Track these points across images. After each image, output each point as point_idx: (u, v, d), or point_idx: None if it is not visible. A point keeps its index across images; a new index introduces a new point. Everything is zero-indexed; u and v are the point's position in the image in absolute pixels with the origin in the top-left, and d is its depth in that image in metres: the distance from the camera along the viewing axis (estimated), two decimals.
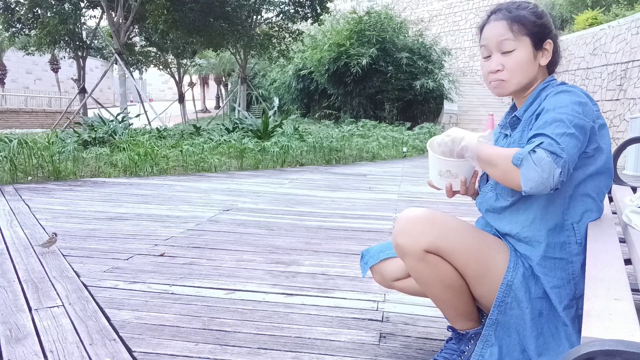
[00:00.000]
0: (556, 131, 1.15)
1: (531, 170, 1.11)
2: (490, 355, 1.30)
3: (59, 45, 18.39)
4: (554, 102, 1.23)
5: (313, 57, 17.39)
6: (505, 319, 1.30)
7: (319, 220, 3.76)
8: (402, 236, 1.35)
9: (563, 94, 1.25)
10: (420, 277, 1.39)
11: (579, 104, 1.22)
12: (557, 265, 1.28)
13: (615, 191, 2.01)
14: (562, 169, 1.11)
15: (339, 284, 2.34)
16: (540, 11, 1.38)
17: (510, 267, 1.31)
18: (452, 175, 1.39)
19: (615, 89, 11.06)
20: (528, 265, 1.31)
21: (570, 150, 1.14)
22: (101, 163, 6.64)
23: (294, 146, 8.38)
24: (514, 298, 1.29)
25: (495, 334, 1.31)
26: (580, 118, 1.20)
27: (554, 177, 1.10)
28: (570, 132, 1.16)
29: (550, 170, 1.10)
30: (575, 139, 1.16)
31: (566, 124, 1.17)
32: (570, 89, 1.27)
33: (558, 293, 1.27)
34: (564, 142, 1.14)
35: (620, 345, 0.68)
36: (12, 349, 1.64)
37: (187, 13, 14.19)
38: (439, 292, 1.39)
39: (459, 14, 25.46)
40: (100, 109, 15.73)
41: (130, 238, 3.13)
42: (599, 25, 13.28)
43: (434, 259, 1.33)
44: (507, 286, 1.30)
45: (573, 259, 1.27)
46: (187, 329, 1.83)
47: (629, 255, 1.22)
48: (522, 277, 1.29)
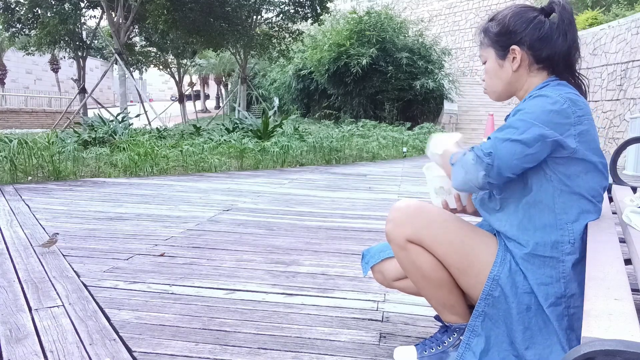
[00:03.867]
0: (502, 136, 1.24)
1: (458, 169, 1.28)
2: (477, 344, 1.33)
3: (59, 45, 18.39)
4: (527, 107, 1.26)
5: (313, 57, 17.39)
6: (493, 312, 1.32)
7: (319, 220, 3.76)
8: (389, 224, 1.46)
9: (538, 98, 1.27)
10: (402, 265, 1.47)
11: (548, 112, 1.23)
12: (546, 263, 1.28)
13: (615, 191, 2.01)
14: (486, 171, 1.22)
15: (339, 284, 2.34)
16: (506, 20, 1.38)
17: (497, 262, 1.33)
18: (445, 192, 1.46)
19: (615, 89, 11.06)
20: (515, 261, 1.32)
21: (504, 156, 1.22)
22: (101, 163, 6.64)
23: (294, 146, 8.37)
24: (500, 292, 1.31)
25: (482, 324, 1.33)
26: (540, 127, 1.22)
27: (477, 178, 1.24)
28: (516, 139, 1.22)
29: (473, 171, 1.24)
30: (519, 147, 1.22)
31: (518, 131, 1.22)
32: (548, 93, 1.26)
33: (545, 290, 1.27)
34: (503, 147, 1.22)
35: (620, 345, 0.68)
36: (12, 349, 1.64)
37: (187, 13, 14.19)
38: (418, 280, 1.46)
39: (459, 14, 25.46)
40: (100, 109, 15.75)
41: (130, 238, 3.13)
42: (599, 25, 13.29)
43: (414, 249, 1.41)
44: (493, 280, 1.32)
45: (564, 258, 1.28)
46: (187, 329, 1.83)
47: (629, 255, 1.22)
48: (509, 272, 1.31)
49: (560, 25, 1.32)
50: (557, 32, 1.32)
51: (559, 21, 1.33)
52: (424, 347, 1.55)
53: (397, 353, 1.60)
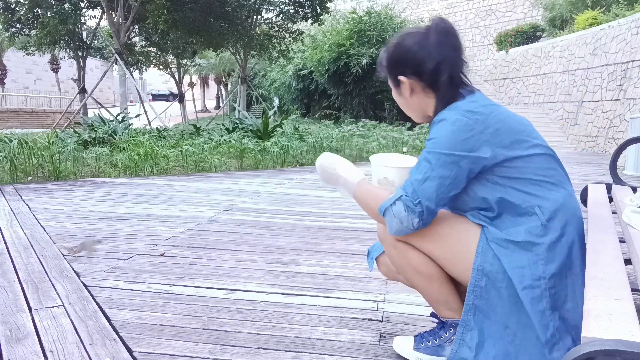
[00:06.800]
0: (420, 177, 1.30)
1: (392, 220, 1.33)
2: (471, 338, 1.34)
3: (59, 45, 18.39)
4: (433, 135, 1.32)
5: (313, 57, 17.39)
6: (482, 303, 1.33)
7: (319, 220, 3.76)
8: (379, 225, 1.51)
9: (441, 124, 1.32)
10: (394, 263, 1.51)
11: (452, 134, 1.28)
12: (520, 247, 1.30)
13: (615, 191, 2.01)
14: (419, 217, 1.30)
15: (339, 284, 2.34)
16: (390, 52, 1.44)
17: (479, 252, 1.34)
18: (389, 183, 1.46)
19: (615, 89, 11.06)
20: (491, 246, 1.34)
21: (430, 196, 1.29)
22: (101, 163, 6.64)
23: (294, 146, 8.37)
24: (487, 281, 1.32)
25: (474, 318, 1.34)
26: (449, 155, 1.28)
27: (413, 224, 1.31)
28: (433, 177, 1.29)
29: (407, 221, 1.31)
30: (437, 182, 1.29)
31: (431, 166, 1.29)
32: (446, 116, 1.31)
33: (520, 273, 1.28)
34: (425, 188, 1.29)
35: (620, 345, 0.68)
36: (12, 349, 1.64)
37: (187, 13, 14.20)
38: (412, 276, 1.49)
39: (459, 14, 25.46)
40: (100, 109, 15.75)
41: (130, 238, 3.13)
42: (599, 25, 13.28)
43: (403, 247, 1.44)
44: (477, 271, 1.33)
45: (538, 240, 1.29)
46: (187, 329, 1.83)
47: (629, 255, 1.22)
48: (492, 259, 1.32)
49: (436, 39, 1.36)
50: (435, 48, 1.36)
51: (435, 38, 1.37)
52: (422, 339, 1.58)
53: (396, 342, 1.64)
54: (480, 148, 1.28)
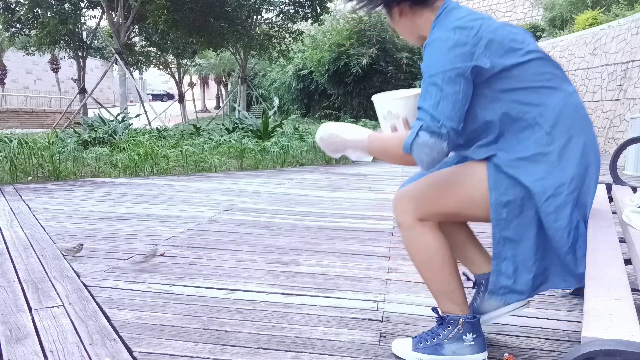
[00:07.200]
0: (433, 102, 1.26)
1: (421, 153, 1.27)
2: (507, 267, 1.38)
3: (59, 45, 18.40)
4: (428, 59, 1.31)
5: (313, 57, 17.41)
6: (509, 232, 1.36)
7: (319, 220, 3.76)
8: (395, 211, 1.51)
9: (433, 45, 1.31)
10: (408, 247, 1.51)
11: (447, 52, 1.27)
12: (532, 160, 1.31)
13: (615, 191, 2.01)
14: (448, 139, 1.26)
15: (339, 284, 2.34)
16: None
17: (491, 187, 1.35)
18: (393, 116, 1.44)
19: (615, 89, 11.07)
20: (505, 172, 1.34)
21: (449, 115, 1.25)
22: (101, 163, 6.64)
23: (294, 146, 8.37)
24: (507, 211, 1.34)
25: (504, 247, 1.37)
26: (451, 70, 1.26)
27: (443, 149, 1.26)
28: (445, 95, 1.26)
29: (437, 146, 1.25)
30: (452, 97, 1.26)
31: (438, 87, 1.27)
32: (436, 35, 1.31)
33: (542, 184, 1.30)
34: (441, 111, 1.25)
35: (620, 345, 0.68)
36: (12, 349, 1.64)
37: (187, 13, 14.21)
38: (422, 262, 1.49)
39: None
40: (100, 109, 15.73)
41: (130, 238, 3.13)
42: (599, 25, 13.28)
43: (420, 229, 1.45)
44: (495, 205, 1.35)
45: (547, 149, 1.30)
46: (187, 329, 1.83)
47: (629, 255, 1.22)
48: (505, 189, 1.33)
49: None
50: None
51: None
52: (420, 340, 1.58)
53: (395, 345, 1.64)
54: (478, 58, 1.28)
